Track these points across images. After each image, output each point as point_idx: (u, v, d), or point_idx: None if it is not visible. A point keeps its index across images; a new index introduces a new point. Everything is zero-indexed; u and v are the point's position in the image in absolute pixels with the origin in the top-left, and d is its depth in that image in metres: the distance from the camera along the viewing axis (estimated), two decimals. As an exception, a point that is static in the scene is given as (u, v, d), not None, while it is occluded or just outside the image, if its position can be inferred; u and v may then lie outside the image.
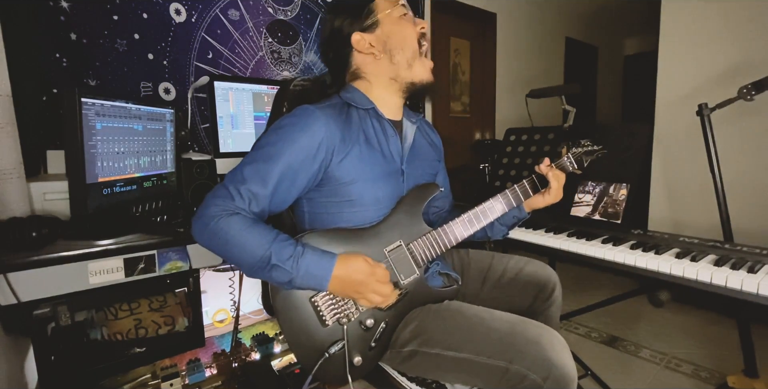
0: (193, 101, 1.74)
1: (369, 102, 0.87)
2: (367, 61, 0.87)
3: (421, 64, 0.88)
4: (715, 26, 2.01)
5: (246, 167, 0.76)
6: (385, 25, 0.84)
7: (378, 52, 0.85)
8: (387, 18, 0.84)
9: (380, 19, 0.84)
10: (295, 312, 0.78)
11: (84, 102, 0.93)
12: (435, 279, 0.91)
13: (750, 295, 0.81)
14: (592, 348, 1.84)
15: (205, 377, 1.35)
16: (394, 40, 0.85)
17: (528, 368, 0.68)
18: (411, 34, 0.86)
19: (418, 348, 0.79)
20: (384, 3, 0.85)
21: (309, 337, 0.78)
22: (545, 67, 3.75)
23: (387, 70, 0.87)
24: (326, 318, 0.78)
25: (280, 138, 0.77)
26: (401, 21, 0.85)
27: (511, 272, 0.99)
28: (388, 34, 0.85)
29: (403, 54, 0.85)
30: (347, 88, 0.89)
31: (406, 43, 0.85)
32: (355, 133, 0.82)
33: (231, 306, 1.40)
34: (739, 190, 1.90)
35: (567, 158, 0.97)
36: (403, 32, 0.85)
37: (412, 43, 0.86)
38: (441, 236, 0.86)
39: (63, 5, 1.43)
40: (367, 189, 0.82)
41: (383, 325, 0.81)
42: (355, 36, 0.84)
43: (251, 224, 0.71)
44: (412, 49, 0.86)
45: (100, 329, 1.08)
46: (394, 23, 0.85)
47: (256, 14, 1.95)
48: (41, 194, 1.09)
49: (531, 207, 0.98)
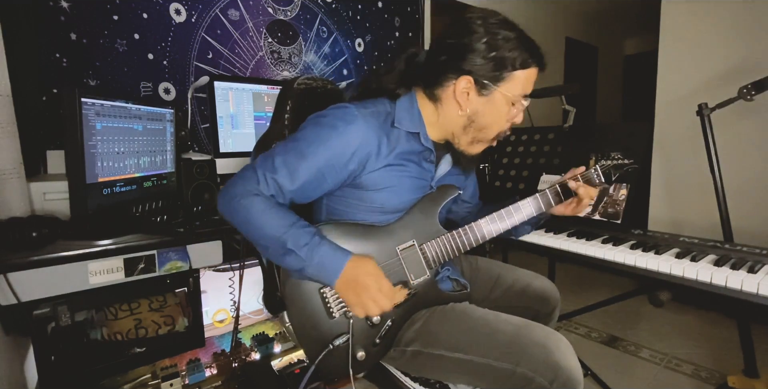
0: (193, 100, 1.74)
1: (417, 126, 0.82)
2: (452, 103, 0.80)
3: (480, 148, 0.86)
4: (715, 26, 2.01)
5: (278, 157, 0.75)
6: (494, 100, 0.78)
7: (463, 111, 0.80)
8: (502, 96, 0.78)
9: (496, 92, 0.77)
10: (303, 301, 0.78)
11: (84, 102, 0.93)
12: (445, 283, 0.92)
13: (750, 295, 0.80)
14: (592, 348, 1.84)
15: (205, 377, 1.35)
16: (483, 120, 0.80)
17: (534, 371, 0.68)
18: (501, 124, 0.82)
19: (422, 348, 0.79)
20: (517, 81, 0.77)
21: (315, 327, 0.78)
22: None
23: (455, 127, 0.83)
24: (333, 310, 0.78)
25: (318, 137, 0.75)
26: (506, 107, 0.79)
27: (520, 284, 0.99)
28: (485, 113, 0.79)
29: (478, 134, 0.82)
30: (405, 101, 0.83)
31: (491, 130, 0.82)
32: (392, 145, 0.79)
33: (231, 306, 1.40)
34: (739, 190, 1.90)
35: (594, 170, 0.92)
36: (497, 120, 0.81)
37: (493, 133, 0.83)
38: (455, 239, 0.85)
39: (63, 5, 1.43)
40: (393, 199, 0.82)
41: (389, 323, 0.81)
42: (464, 82, 0.77)
43: (273, 206, 0.73)
44: (487, 137, 0.83)
45: (100, 329, 1.08)
46: (501, 104, 0.79)
47: (256, 14, 1.95)
48: (41, 194, 1.09)
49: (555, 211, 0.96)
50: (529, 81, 0.79)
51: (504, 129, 0.84)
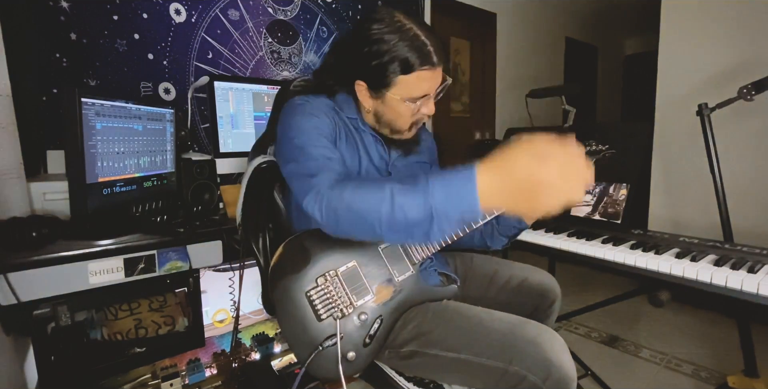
0: (193, 100, 1.74)
1: (353, 112, 0.87)
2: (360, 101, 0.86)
3: (403, 136, 0.89)
4: (715, 26, 2.01)
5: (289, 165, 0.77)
6: (388, 102, 0.81)
7: (368, 109, 0.85)
8: (393, 99, 0.80)
9: (387, 95, 0.80)
10: (291, 306, 0.78)
11: (84, 102, 0.93)
12: (432, 277, 0.91)
13: (750, 295, 0.80)
14: (592, 348, 1.84)
15: (205, 377, 1.35)
16: (387, 117, 0.85)
17: (527, 369, 0.68)
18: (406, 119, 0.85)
19: (417, 348, 0.79)
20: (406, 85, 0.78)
21: (304, 330, 0.78)
22: (545, 67, 3.75)
23: (371, 121, 0.88)
24: (321, 312, 0.78)
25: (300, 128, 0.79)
26: (403, 106, 0.81)
27: (517, 279, 0.99)
28: (385, 112, 0.84)
29: (391, 126, 0.86)
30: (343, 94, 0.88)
31: (398, 124, 0.85)
32: (342, 128, 0.85)
33: (231, 306, 1.40)
34: (739, 190, 1.90)
35: None
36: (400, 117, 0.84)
37: (404, 126, 0.86)
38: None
39: (63, 5, 1.43)
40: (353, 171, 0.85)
41: (378, 321, 0.81)
42: (359, 86, 0.82)
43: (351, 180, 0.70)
44: (401, 129, 0.87)
45: (100, 329, 1.08)
46: (397, 104, 0.81)
47: (256, 14, 1.95)
48: (41, 194, 1.09)
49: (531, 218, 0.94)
50: (421, 81, 0.78)
51: (414, 121, 0.86)
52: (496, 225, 0.96)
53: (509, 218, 0.93)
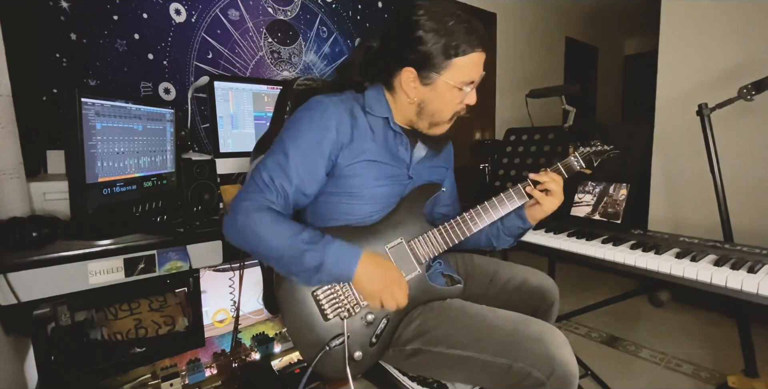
0: (193, 100, 1.74)
1: (386, 111, 0.85)
2: (402, 93, 0.83)
3: (440, 129, 0.87)
4: (715, 26, 2.01)
5: (269, 159, 0.79)
6: (439, 88, 0.80)
7: (411, 100, 0.82)
8: (445, 84, 0.79)
9: (439, 80, 0.79)
10: (297, 306, 0.79)
11: (84, 102, 0.93)
12: (438, 278, 0.92)
13: (750, 295, 0.80)
14: (592, 348, 1.84)
15: (205, 377, 1.35)
16: (432, 106, 0.82)
17: (531, 365, 0.69)
18: (452, 108, 0.83)
19: (421, 346, 0.79)
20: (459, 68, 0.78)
21: (311, 330, 0.78)
22: (545, 67, 3.75)
23: (410, 114, 0.86)
24: (327, 312, 0.79)
25: (298, 130, 0.79)
26: (452, 92, 0.80)
27: (517, 280, 0.99)
28: (432, 100, 0.81)
29: (432, 118, 0.84)
30: (373, 91, 0.86)
31: (442, 114, 0.84)
32: (364, 130, 0.83)
33: (231, 306, 1.40)
34: (739, 190, 1.91)
35: (574, 156, 0.94)
36: (447, 105, 0.83)
37: (447, 116, 0.84)
38: (442, 234, 0.86)
39: (63, 5, 1.43)
40: (368, 185, 0.83)
41: (385, 321, 0.81)
42: (407, 73, 0.80)
43: (281, 216, 0.76)
44: (442, 120, 0.85)
45: (100, 329, 1.08)
46: (447, 91, 0.80)
47: (256, 14, 1.95)
48: (41, 194, 1.09)
49: (534, 218, 0.93)
50: (472, 66, 0.79)
51: (458, 110, 0.85)
52: (501, 226, 0.96)
53: (513, 218, 0.93)
